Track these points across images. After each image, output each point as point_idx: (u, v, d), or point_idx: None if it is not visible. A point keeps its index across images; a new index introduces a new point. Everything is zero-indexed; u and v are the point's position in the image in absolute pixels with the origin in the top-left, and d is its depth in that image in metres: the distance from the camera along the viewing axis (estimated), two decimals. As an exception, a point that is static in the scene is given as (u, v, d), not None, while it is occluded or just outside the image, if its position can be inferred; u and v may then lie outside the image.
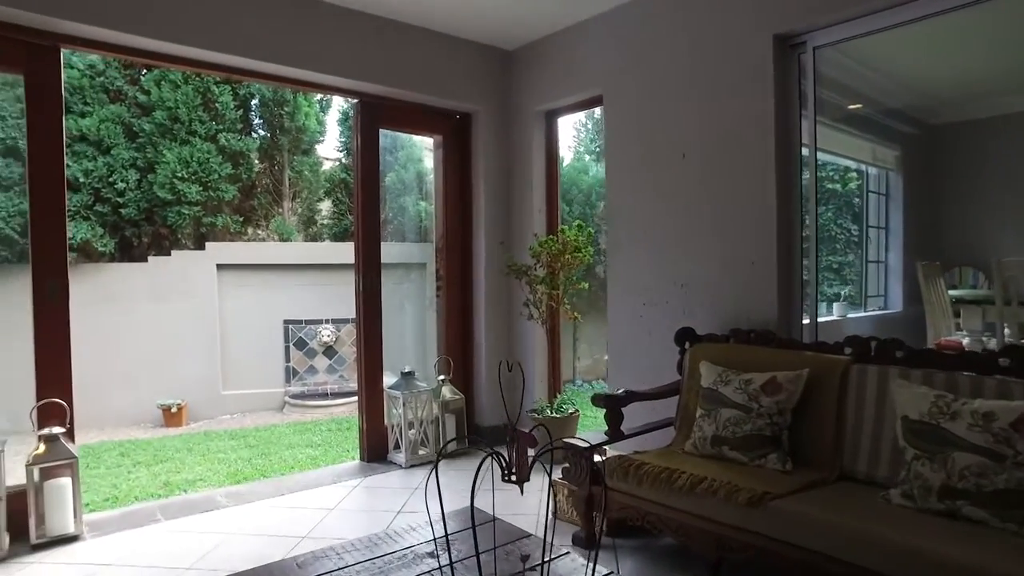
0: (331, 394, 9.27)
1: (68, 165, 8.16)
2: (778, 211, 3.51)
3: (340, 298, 9.46)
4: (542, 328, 4.67)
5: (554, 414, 4.29)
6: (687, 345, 3.64)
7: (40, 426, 3.42)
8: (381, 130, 4.45)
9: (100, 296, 8.56)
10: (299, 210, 10.18)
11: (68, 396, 3.47)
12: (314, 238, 10.37)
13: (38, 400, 3.41)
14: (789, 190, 3.56)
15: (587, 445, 3.06)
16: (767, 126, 3.49)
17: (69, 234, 8.43)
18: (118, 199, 8.45)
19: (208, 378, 8.87)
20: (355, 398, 9.45)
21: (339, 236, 10.34)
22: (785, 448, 2.94)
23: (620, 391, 3.37)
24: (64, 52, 3.73)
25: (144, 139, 8.58)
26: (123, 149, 8.46)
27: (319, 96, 10.08)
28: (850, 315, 5.36)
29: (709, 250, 3.78)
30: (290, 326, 9.29)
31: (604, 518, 2.97)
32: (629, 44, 4.12)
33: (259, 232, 10.02)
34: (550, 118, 4.82)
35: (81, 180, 8.25)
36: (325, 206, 10.71)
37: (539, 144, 4.76)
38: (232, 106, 8.89)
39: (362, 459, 4.49)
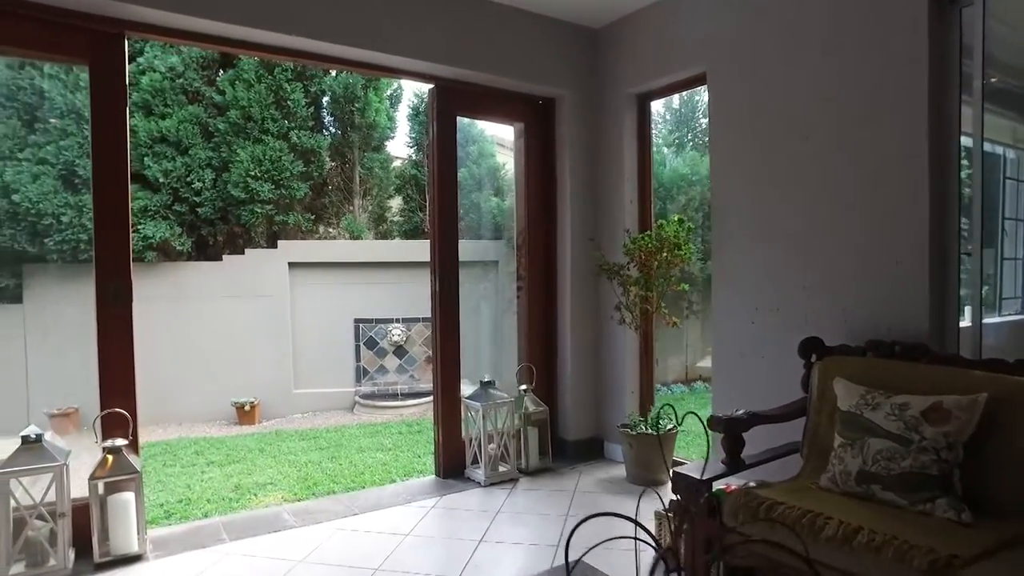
0: (401, 395, 8.99)
1: (148, 166, 8.14)
2: (931, 200, 2.89)
3: (410, 297, 9.18)
4: (634, 333, 4.17)
5: (649, 430, 3.79)
6: (813, 358, 3.07)
7: (103, 437, 3.15)
8: (458, 118, 4.03)
9: (178, 294, 8.51)
10: (369, 208, 9.95)
11: (132, 404, 3.19)
12: (384, 236, 10.13)
13: (102, 408, 3.14)
14: (945, 175, 2.94)
15: (701, 477, 2.55)
16: (917, 98, 2.89)
17: (149, 233, 8.48)
18: (195, 198, 8.38)
19: (280, 377, 8.73)
20: (426, 399, 9.27)
21: (409, 234, 10.06)
22: (957, 492, 2.36)
23: (740, 412, 2.83)
24: (144, 57, 3.46)
25: (219, 138, 8.48)
26: (200, 149, 8.38)
27: (389, 92, 9.82)
28: (985, 320, 4.62)
29: (838, 248, 3.20)
30: (360, 325, 9.06)
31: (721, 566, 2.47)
32: (738, 10, 3.56)
33: (330, 230, 9.84)
34: (643, 101, 4.30)
35: (161, 180, 8.21)
36: (395, 203, 10.45)
37: (630, 130, 4.25)
38: (303, 103, 8.70)
39: (437, 474, 4.10)
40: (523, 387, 4.12)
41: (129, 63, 8.58)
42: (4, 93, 7.88)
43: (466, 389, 4.18)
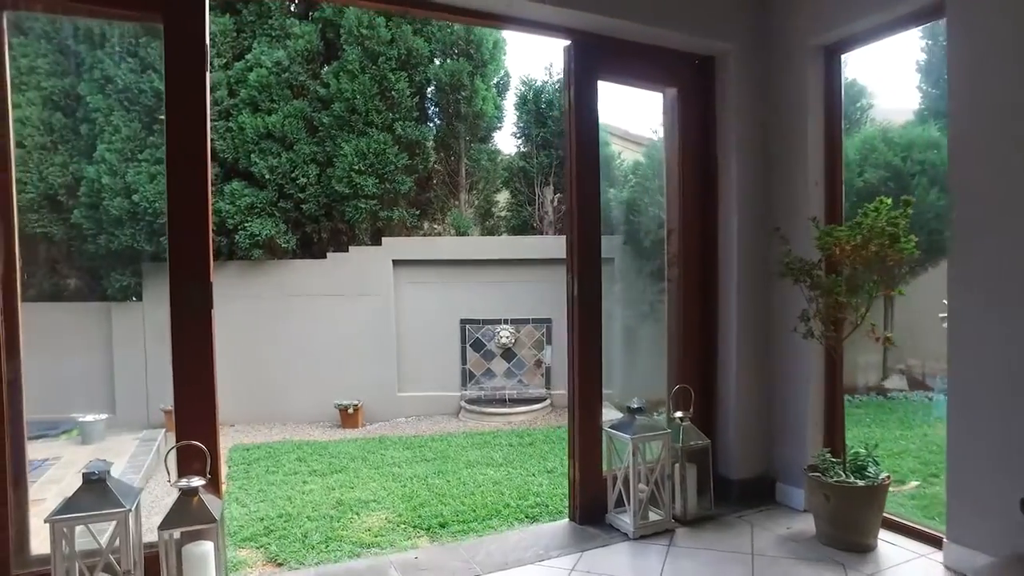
0: (509, 401, 8.29)
1: (255, 162, 7.82)
2: None
3: (519, 296, 8.46)
4: (820, 349, 3.22)
5: (853, 478, 2.83)
6: None
7: (178, 472, 2.55)
8: (600, 83, 3.20)
9: (282, 292, 8.18)
10: (475, 202, 9.31)
11: (211, 431, 2.58)
12: (490, 232, 9.46)
13: (178, 436, 2.55)
14: None
15: None
16: None
17: (255, 231, 8.21)
18: (299, 194, 8.00)
19: (384, 379, 8.22)
20: (536, 407, 8.56)
21: (517, 229, 9.34)
22: None
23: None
24: (252, 54, 2.84)
25: (323, 132, 8.06)
26: (304, 144, 7.99)
27: (496, 80, 9.12)
28: None
29: None
30: (467, 326, 8.42)
31: None
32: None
33: (435, 226, 9.27)
34: (832, 55, 3.30)
35: (267, 177, 7.88)
36: (502, 197, 9.77)
37: (816, 92, 3.26)
38: (408, 93, 8.14)
39: (572, 518, 3.30)
40: (678, 414, 3.24)
41: (236, 60, 8.41)
42: (128, 96, 7.77)
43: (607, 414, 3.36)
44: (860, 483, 2.75)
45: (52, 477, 5.65)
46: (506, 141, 19.65)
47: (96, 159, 7.70)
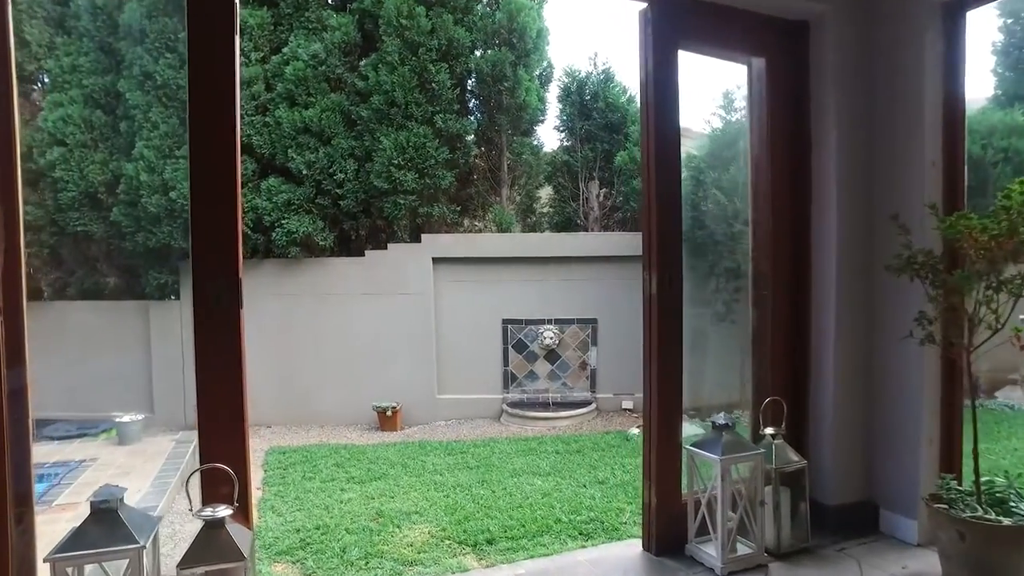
0: (553, 404, 7.88)
1: (292, 158, 7.54)
2: None
3: (564, 296, 8.04)
4: (935, 356, 2.73)
5: (988, 511, 2.35)
6: None
7: (203, 498, 2.20)
8: (681, 52, 2.75)
9: (320, 290, 7.89)
10: (517, 198, 8.91)
11: (240, 448, 2.21)
12: (532, 229, 9.06)
13: (202, 457, 2.19)
14: None
15: None
16: None
17: (292, 228, 7.92)
18: (337, 190, 7.70)
19: (423, 380, 7.88)
20: (581, 411, 8.11)
21: (560, 226, 8.91)
22: None
23: None
24: (288, 47, 2.48)
25: (361, 126, 7.75)
26: (342, 138, 7.68)
27: (538, 71, 8.70)
28: None
29: None
30: (509, 326, 8.02)
31: None
32: None
33: (476, 223, 8.90)
34: (953, 13, 2.80)
35: (304, 172, 7.59)
36: (544, 193, 9.35)
37: (934, 58, 2.75)
38: (449, 85, 7.77)
39: (646, 547, 2.87)
40: (769, 431, 2.78)
41: (273, 54, 8.15)
42: (166, 92, 7.56)
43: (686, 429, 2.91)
44: (1007, 522, 2.26)
45: (88, 480, 5.42)
46: (549, 135, 19.14)
47: (135, 156, 7.50)
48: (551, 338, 7.96)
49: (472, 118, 8.46)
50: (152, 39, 7.52)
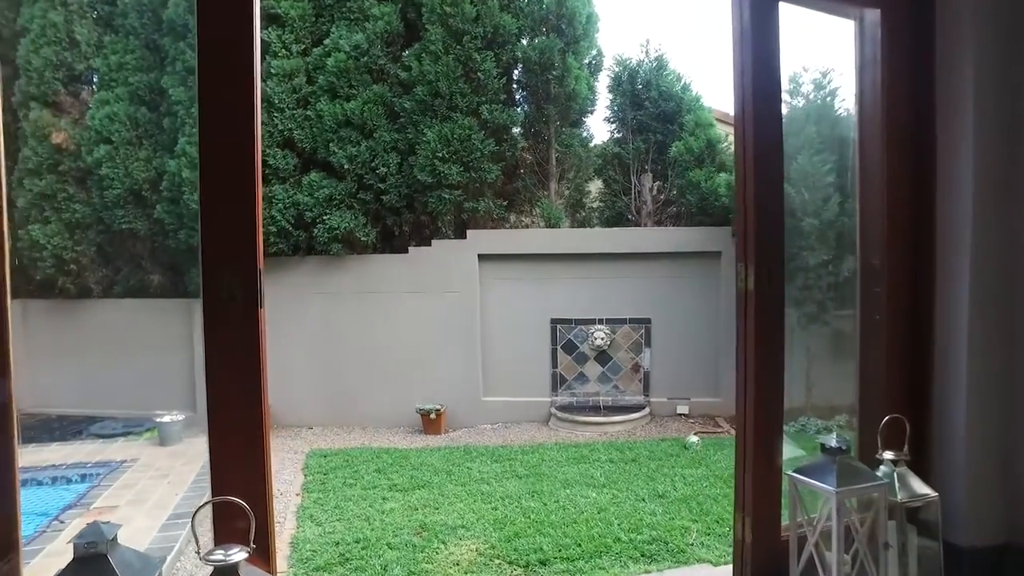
0: (604, 408, 7.42)
1: (333, 152, 7.28)
2: None
3: (616, 294, 7.57)
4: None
5: None
6: None
7: (215, 538, 1.84)
8: (781, 4, 2.26)
9: (362, 288, 7.61)
10: (566, 192, 8.47)
11: (259, 477, 1.84)
12: (582, 224, 8.60)
13: (214, 488, 1.82)
14: None
15: None
16: None
17: (334, 224, 7.66)
18: (380, 185, 7.40)
19: (468, 382, 7.52)
20: (634, 415, 7.60)
21: (611, 221, 8.44)
22: None
23: None
24: (330, 38, 2.12)
25: (404, 118, 7.43)
26: (385, 131, 7.38)
27: (588, 59, 8.24)
28: None
29: None
30: (558, 326, 7.60)
31: None
32: None
33: (522, 219, 8.49)
34: None
35: (346, 167, 7.31)
36: (594, 187, 8.88)
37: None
38: (495, 74, 7.39)
39: (734, 589, 2.42)
40: (889, 455, 2.27)
41: (315, 46, 7.90)
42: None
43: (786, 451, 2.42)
44: None
45: (127, 481, 5.24)
46: (598, 127, 18.54)
47: (177, 153, 7.34)
48: (602, 339, 7.51)
49: (519, 109, 8.07)
50: (195, 34, 7.32)
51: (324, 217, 7.26)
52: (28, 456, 6.04)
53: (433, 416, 7.21)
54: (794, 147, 6.40)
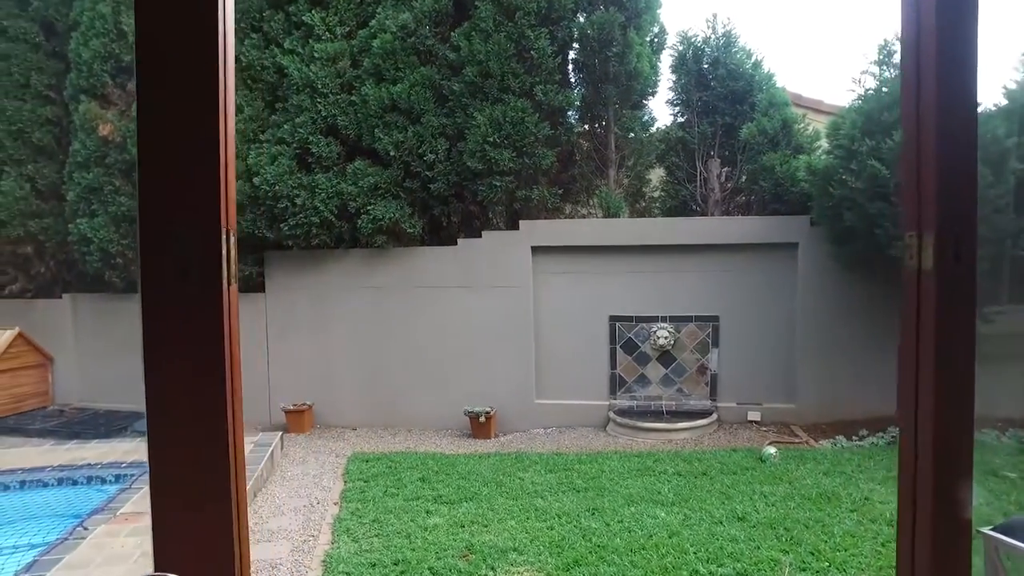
0: (667, 413, 6.78)
1: (378, 138, 6.87)
2: None
3: (680, 289, 6.93)
4: None
5: None
6: None
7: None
8: None
9: (408, 283, 7.17)
10: (625, 180, 7.84)
11: (224, 533, 1.28)
12: (641, 214, 7.96)
13: (155, 547, 1.26)
14: None
15: None
16: None
17: (379, 214, 7.21)
18: (427, 172, 6.94)
19: (520, 383, 6.99)
20: (700, 422, 6.70)
21: (675, 211, 7.78)
22: None
23: None
24: (376, 20, 1.61)
25: (453, 102, 6.95)
26: (432, 116, 6.92)
27: (650, 36, 7.60)
28: None
29: None
30: (617, 324, 6.99)
31: None
32: None
33: (578, 209, 7.92)
34: None
35: (392, 153, 6.89)
36: (655, 175, 8.23)
37: None
38: (549, 52, 6.83)
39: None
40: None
41: (360, 28, 7.49)
42: (251, 75, 7.09)
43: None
44: None
45: (158, 486, 4.88)
46: (660, 110, 17.55)
47: (220, 141, 7.03)
48: (665, 338, 6.86)
49: (575, 91, 7.49)
50: (238, 19, 7.03)
51: (368, 207, 6.85)
52: (67, 454, 5.81)
53: (482, 419, 6.72)
54: (888, 123, 5.61)
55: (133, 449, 5.87)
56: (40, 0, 8.17)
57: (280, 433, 6.40)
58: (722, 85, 7.58)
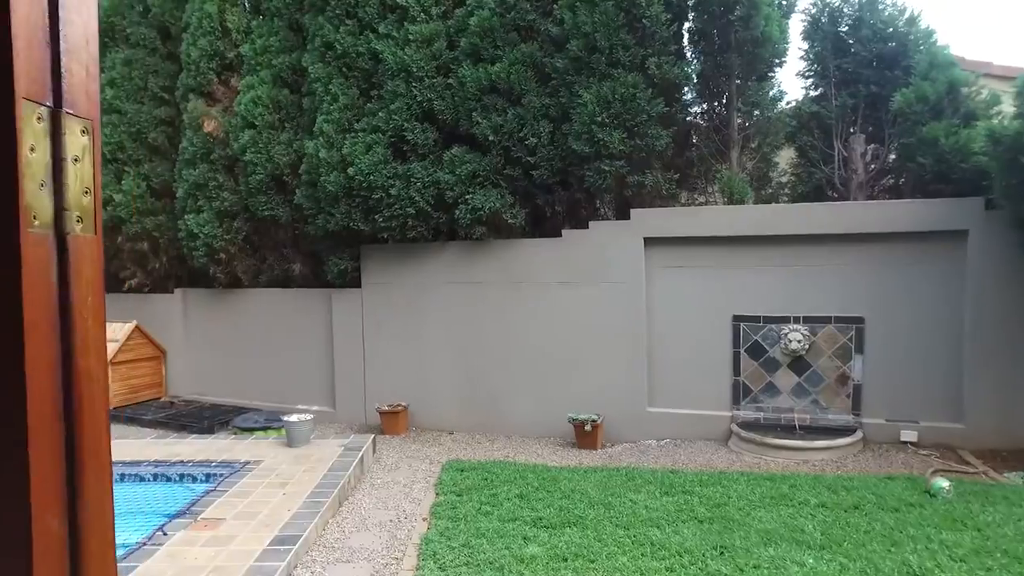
0: (801, 428, 5.82)
1: (476, 122, 6.38)
2: None
3: (816, 286, 5.97)
4: None
5: None
6: None
7: None
8: None
9: (508, 278, 6.62)
10: (748, 164, 6.89)
11: None
12: (767, 201, 6.98)
13: None
14: None
15: None
16: None
17: (477, 204, 6.61)
18: (529, 158, 6.35)
19: (630, 389, 6.26)
20: (843, 440, 5.51)
21: (807, 197, 6.75)
22: None
23: None
24: None
25: (557, 80, 6.32)
26: (534, 96, 6.33)
27: (780, -3, 6.62)
28: None
29: None
30: (742, 325, 6.10)
31: None
32: None
33: (695, 196, 7.06)
34: None
35: (490, 138, 6.35)
36: (784, 156, 7.22)
37: None
38: (663, 20, 6.03)
39: None
40: None
41: (457, 7, 6.93)
42: (346, 62, 6.79)
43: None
44: None
45: (243, 488, 4.62)
46: (790, 84, 15.67)
47: (315, 133, 6.81)
48: (799, 341, 5.90)
49: (692, 64, 6.64)
50: (333, 6, 6.75)
51: (466, 197, 6.36)
52: (165, 448, 5.70)
53: (588, 428, 6.05)
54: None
55: (226, 447, 5.68)
56: (157, 7, 8.31)
57: (372, 436, 6.03)
58: (866, 48, 6.47)
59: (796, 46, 6.99)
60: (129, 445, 5.91)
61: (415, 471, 5.46)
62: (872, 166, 6.55)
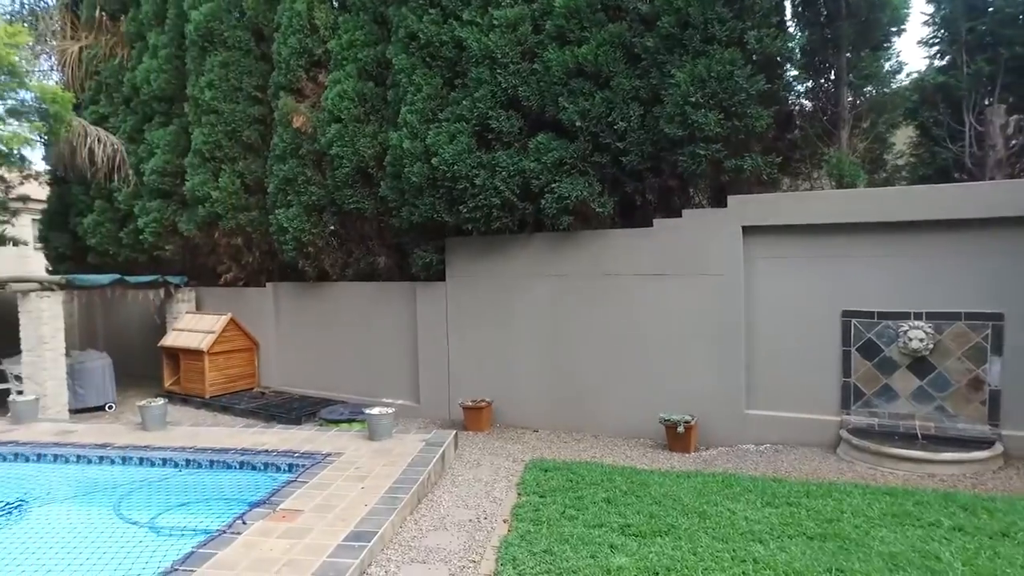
0: (924, 438, 5.19)
1: (563, 107, 6.09)
2: None
3: (941, 278, 5.32)
4: None
5: None
6: None
7: None
8: None
9: (596, 270, 6.32)
10: (859, 145, 6.25)
11: None
12: (881, 185, 6.30)
13: None
14: None
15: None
16: None
17: (564, 192, 6.20)
18: (617, 144, 6.01)
19: (727, 389, 5.81)
20: (978, 454, 4.79)
21: (928, 180, 6.04)
22: None
23: None
24: None
25: (647, 60, 5.93)
26: (623, 78, 5.97)
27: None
28: None
29: None
30: (853, 321, 5.52)
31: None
32: None
33: (797, 182, 6.49)
34: None
35: (577, 124, 6.05)
36: (901, 136, 6.52)
37: None
38: (766, -11, 5.53)
39: None
40: None
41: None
42: (430, 52, 6.68)
43: None
44: None
45: (323, 480, 4.57)
46: (910, 54, 14.21)
47: (399, 124, 6.74)
48: (921, 340, 5.27)
49: (796, 36, 6.08)
50: (415, -3, 6.65)
51: (553, 185, 6.10)
52: (251, 438, 5.78)
53: (681, 429, 5.65)
54: None
55: (309, 438, 5.69)
56: (251, 9, 8.52)
57: (454, 432, 5.89)
58: (1009, 3, 5.69)
59: (918, 11, 6.22)
60: (220, 433, 6.04)
61: (497, 469, 5.26)
62: (1014, 141, 5.77)
